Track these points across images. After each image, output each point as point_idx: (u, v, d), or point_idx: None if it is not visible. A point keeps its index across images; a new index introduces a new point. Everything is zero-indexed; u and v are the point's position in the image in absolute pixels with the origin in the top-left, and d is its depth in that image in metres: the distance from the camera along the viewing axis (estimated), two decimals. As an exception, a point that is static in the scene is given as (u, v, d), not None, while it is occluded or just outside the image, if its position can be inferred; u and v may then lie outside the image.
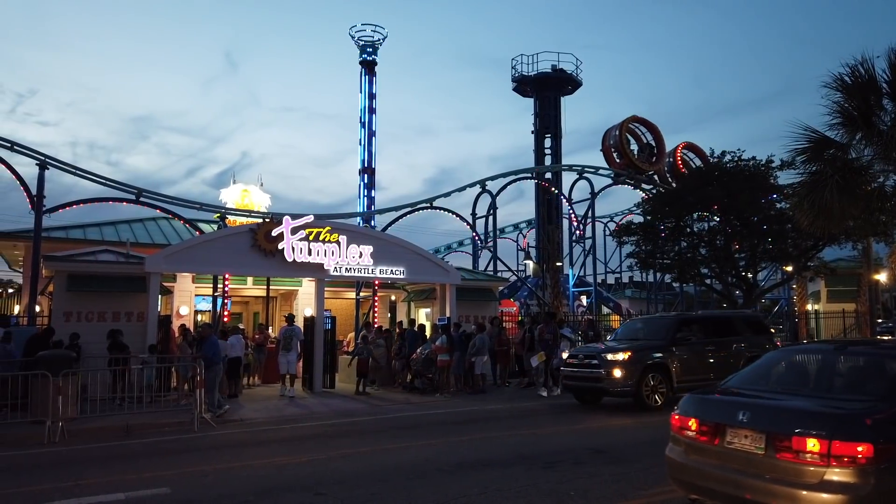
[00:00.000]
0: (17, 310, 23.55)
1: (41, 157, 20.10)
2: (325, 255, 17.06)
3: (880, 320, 27.87)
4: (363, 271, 17.84)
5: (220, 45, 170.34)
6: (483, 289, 22.04)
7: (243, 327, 21.25)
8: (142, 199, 22.33)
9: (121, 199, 22.55)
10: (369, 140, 38.12)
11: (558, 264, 31.38)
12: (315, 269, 17.18)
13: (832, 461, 4.34)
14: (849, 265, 28.10)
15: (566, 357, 14.75)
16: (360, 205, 37.91)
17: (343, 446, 9.84)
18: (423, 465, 8.15)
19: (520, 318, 22.84)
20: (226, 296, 20.84)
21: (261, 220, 21.30)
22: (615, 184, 35.69)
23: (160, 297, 16.80)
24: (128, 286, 15.81)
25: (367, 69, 38.85)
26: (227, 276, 19.97)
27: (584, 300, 37.33)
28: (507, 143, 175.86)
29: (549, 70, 39.04)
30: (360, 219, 30.88)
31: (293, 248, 16.60)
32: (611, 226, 39.55)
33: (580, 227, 35.07)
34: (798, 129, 12.29)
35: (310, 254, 16.85)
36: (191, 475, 7.94)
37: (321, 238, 17.07)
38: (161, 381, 14.07)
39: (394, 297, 25.42)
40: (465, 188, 30.95)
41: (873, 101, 11.83)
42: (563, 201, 35.81)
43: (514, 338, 19.44)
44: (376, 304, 23.45)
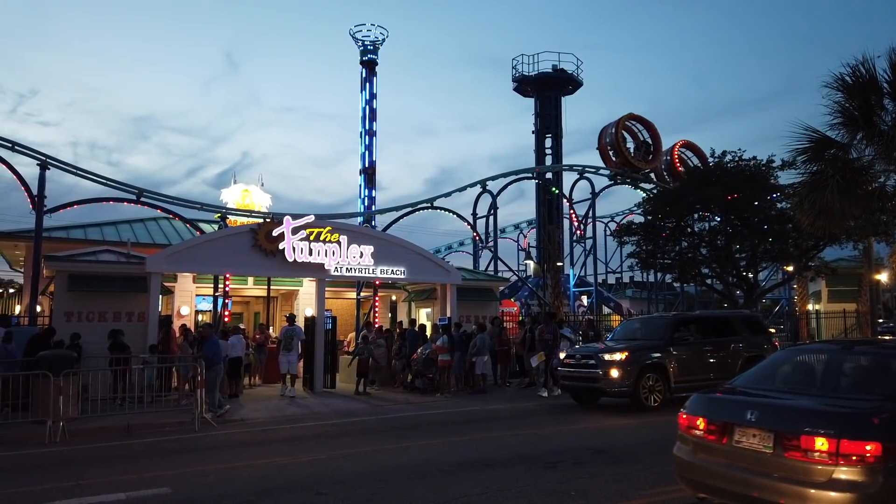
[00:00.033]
0: (18, 310, 23.57)
1: (42, 157, 20.11)
2: (326, 255, 17.07)
3: (881, 320, 27.87)
4: (364, 271, 17.85)
5: (220, 45, 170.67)
6: (484, 289, 22.04)
7: (244, 327, 21.25)
8: (142, 199, 22.34)
9: (121, 199, 22.57)
10: (370, 140, 38.10)
11: (559, 264, 31.39)
12: (316, 269, 17.19)
13: (840, 460, 4.37)
14: (850, 265, 28.11)
15: (563, 357, 14.70)
16: (360, 205, 37.90)
17: (344, 446, 9.84)
18: (424, 465, 8.16)
19: (520, 318, 22.85)
20: (226, 296, 20.85)
21: (261, 221, 21.31)
22: (613, 183, 35.59)
23: (161, 297, 16.80)
24: (129, 286, 15.82)
25: (367, 69, 38.82)
26: (227, 276, 19.99)
27: (585, 300, 37.32)
28: (507, 143, 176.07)
29: (550, 70, 38.97)
30: (361, 219, 30.88)
31: (294, 248, 16.61)
32: (611, 226, 39.54)
33: (580, 226, 35.05)
34: (799, 129, 12.30)
35: (310, 254, 16.86)
36: (192, 475, 7.95)
37: (322, 238, 17.08)
38: (162, 381, 14.06)
39: (394, 297, 25.43)
40: (465, 188, 30.95)
41: (874, 101, 11.81)
42: (564, 201, 35.79)
43: (515, 338, 19.43)
44: (377, 304, 23.47)
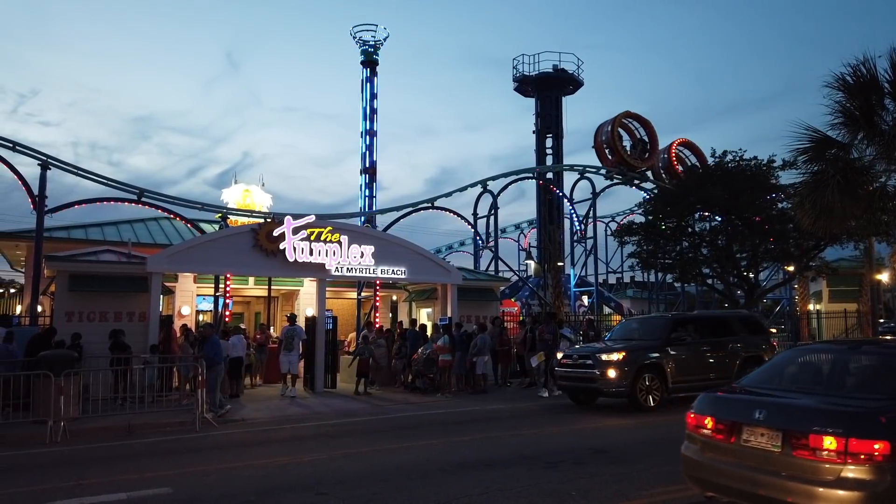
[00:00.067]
0: (19, 310, 23.56)
1: (43, 158, 20.11)
2: (327, 255, 17.07)
3: (882, 320, 27.84)
4: (364, 271, 17.85)
5: (221, 45, 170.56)
6: (484, 289, 22.05)
7: (244, 327, 21.26)
8: (143, 199, 22.34)
9: (122, 199, 22.56)
10: (370, 140, 38.11)
11: (560, 264, 31.38)
12: (316, 269, 17.20)
13: (849, 459, 4.40)
14: (850, 265, 28.07)
15: (560, 357, 14.65)
16: (361, 204, 37.91)
17: (345, 446, 9.85)
18: (425, 465, 8.16)
19: (521, 318, 22.84)
20: (227, 296, 20.86)
21: (262, 220, 21.32)
22: (612, 183, 35.51)
23: (162, 296, 16.82)
24: (129, 286, 15.83)
25: (368, 69, 38.83)
26: (228, 276, 20.00)
27: (586, 300, 37.30)
28: (508, 143, 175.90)
29: (551, 70, 38.97)
30: (362, 219, 30.88)
31: (295, 248, 16.62)
32: (612, 226, 39.50)
33: (581, 227, 35.04)
34: (800, 129, 12.29)
35: (311, 254, 16.87)
36: (192, 475, 7.95)
37: (322, 238, 17.09)
38: (163, 381, 14.07)
39: (395, 297, 25.43)
40: (466, 188, 30.94)
41: (875, 101, 11.80)
42: (565, 201, 35.77)
43: (516, 338, 19.43)
44: (378, 304, 23.47)
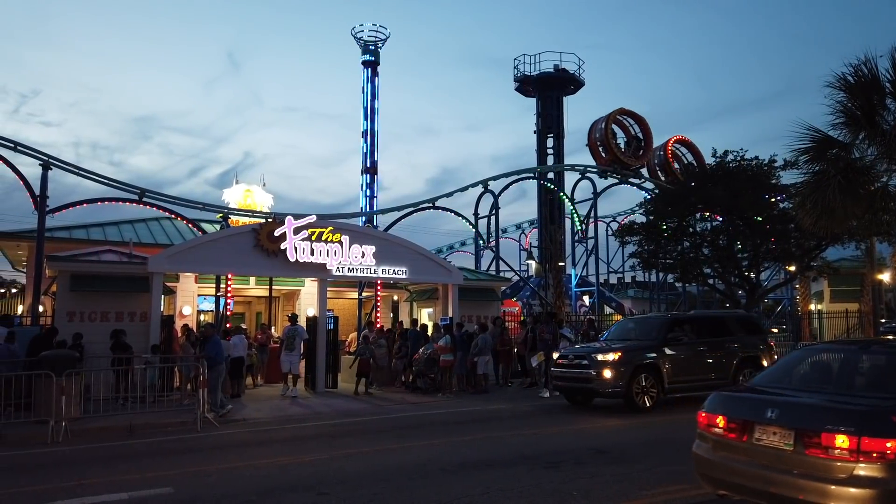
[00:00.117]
0: (20, 310, 23.58)
1: (44, 158, 20.13)
2: (328, 255, 17.07)
3: (883, 320, 27.77)
4: (366, 271, 17.85)
5: (222, 45, 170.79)
6: (485, 289, 22.04)
7: (245, 327, 21.26)
8: (144, 199, 22.37)
9: (124, 200, 22.60)
10: (372, 140, 38.15)
11: (560, 264, 31.38)
12: (317, 269, 17.19)
13: (861, 457, 4.43)
14: (852, 265, 28.03)
15: (556, 357, 14.58)
16: (362, 204, 37.92)
17: (346, 446, 9.84)
18: (426, 465, 8.16)
19: (522, 318, 22.84)
20: (228, 296, 20.86)
21: (263, 220, 21.32)
22: (611, 183, 35.46)
23: (163, 296, 16.83)
24: (131, 286, 15.83)
25: (369, 69, 38.86)
26: (229, 276, 20.00)
27: (587, 300, 37.29)
28: (509, 143, 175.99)
29: (552, 70, 38.93)
30: (363, 219, 30.89)
31: (296, 248, 16.62)
32: (613, 225, 39.46)
33: (583, 226, 35.02)
34: (801, 129, 12.26)
35: (312, 254, 16.86)
36: (194, 475, 7.96)
37: (324, 238, 17.08)
38: (164, 381, 14.08)
39: (396, 297, 25.42)
40: (467, 188, 30.95)
41: (876, 101, 11.78)
42: (566, 201, 35.75)
43: (517, 338, 19.43)
44: (379, 304, 23.46)
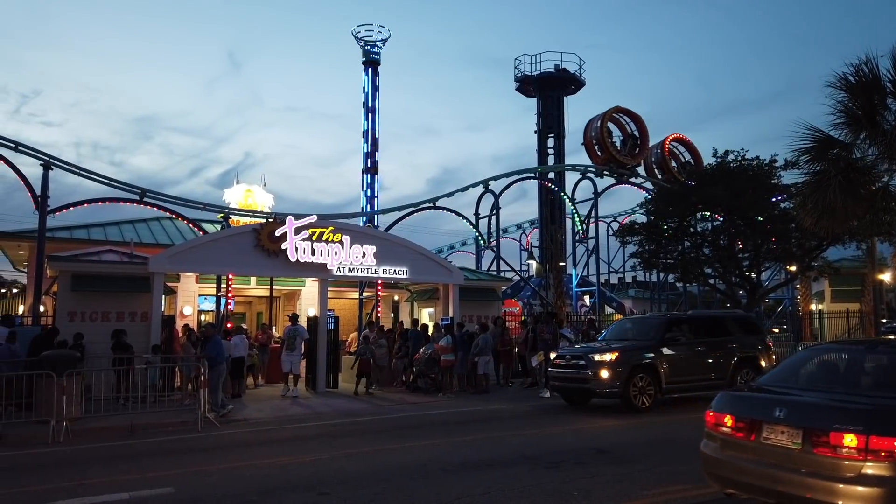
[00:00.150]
0: (21, 310, 23.62)
1: (45, 158, 20.15)
2: (329, 255, 17.07)
3: (884, 320, 27.76)
4: (366, 271, 17.85)
5: (222, 45, 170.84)
6: (486, 289, 22.03)
7: (246, 327, 21.27)
8: (145, 199, 22.39)
9: (124, 200, 22.62)
10: (372, 140, 38.14)
11: (561, 264, 31.37)
12: (318, 269, 17.19)
13: (869, 456, 4.44)
14: (853, 265, 28.02)
15: (553, 357, 14.55)
16: (362, 204, 37.91)
17: (346, 446, 9.85)
18: (427, 465, 8.16)
19: (523, 318, 22.85)
20: (229, 296, 20.87)
21: (264, 220, 21.35)
22: (612, 183, 35.42)
23: (164, 296, 16.84)
24: (132, 286, 15.84)
25: (370, 69, 38.86)
26: (230, 276, 20.01)
27: (588, 300, 37.29)
28: (509, 143, 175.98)
29: (553, 70, 38.96)
30: (363, 219, 30.89)
31: (296, 248, 16.61)
32: (614, 225, 39.45)
33: (583, 226, 35.00)
34: (802, 129, 12.25)
35: (313, 254, 16.86)
36: (194, 475, 7.96)
37: (324, 238, 17.08)
38: (165, 381, 14.07)
39: (397, 297, 25.42)
40: (468, 188, 30.95)
41: (877, 101, 11.77)
42: (567, 201, 35.73)
43: (518, 338, 19.43)
44: (379, 304, 23.47)
